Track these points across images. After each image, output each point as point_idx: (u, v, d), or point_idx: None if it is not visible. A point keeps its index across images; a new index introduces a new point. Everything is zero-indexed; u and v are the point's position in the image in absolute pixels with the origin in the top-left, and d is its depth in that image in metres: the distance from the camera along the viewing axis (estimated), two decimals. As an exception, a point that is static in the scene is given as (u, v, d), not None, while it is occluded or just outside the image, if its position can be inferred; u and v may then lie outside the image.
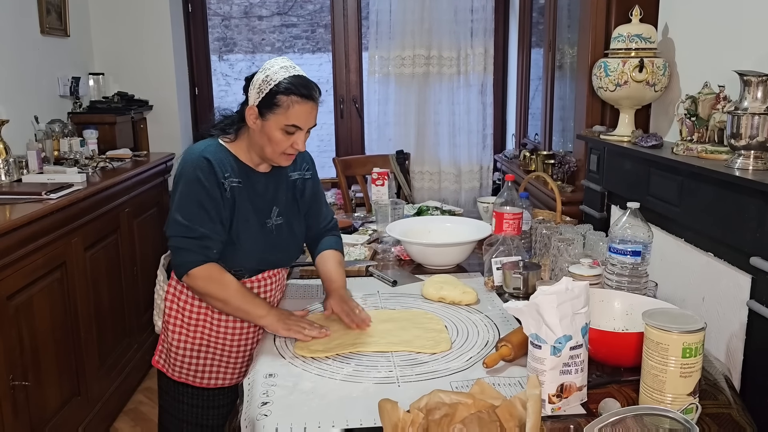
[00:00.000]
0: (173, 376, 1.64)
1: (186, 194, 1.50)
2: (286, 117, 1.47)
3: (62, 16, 3.33)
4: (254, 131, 1.52)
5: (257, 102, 1.48)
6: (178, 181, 1.53)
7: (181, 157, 1.57)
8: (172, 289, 1.63)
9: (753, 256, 1.41)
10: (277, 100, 1.46)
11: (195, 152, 1.53)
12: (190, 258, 1.49)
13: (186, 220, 1.49)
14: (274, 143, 1.50)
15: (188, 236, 1.49)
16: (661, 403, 1.10)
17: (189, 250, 1.49)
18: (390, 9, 3.96)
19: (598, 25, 2.41)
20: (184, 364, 1.63)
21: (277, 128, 1.48)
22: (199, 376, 1.63)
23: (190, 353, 1.62)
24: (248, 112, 1.50)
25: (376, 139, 4.13)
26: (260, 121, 1.49)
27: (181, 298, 1.62)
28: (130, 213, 2.92)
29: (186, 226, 1.49)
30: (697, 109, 1.80)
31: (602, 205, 2.30)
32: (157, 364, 1.69)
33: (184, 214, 1.49)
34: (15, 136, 2.72)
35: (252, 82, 1.50)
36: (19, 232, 1.99)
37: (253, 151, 1.57)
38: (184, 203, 1.50)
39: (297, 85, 1.47)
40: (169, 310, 1.63)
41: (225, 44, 5.27)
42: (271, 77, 1.47)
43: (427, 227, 2.15)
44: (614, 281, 1.54)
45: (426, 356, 1.39)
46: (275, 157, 1.53)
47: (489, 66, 4.06)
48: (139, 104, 3.67)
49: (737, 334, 1.50)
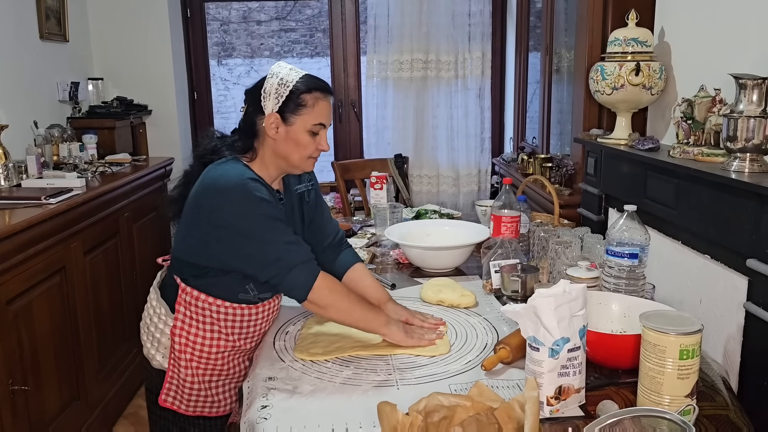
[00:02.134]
0: (187, 411, 1.55)
1: (260, 215, 1.37)
2: (312, 116, 1.42)
3: (61, 22, 3.34)
4: (276, 141, 1.43)
5: (278, 107, 1.41)
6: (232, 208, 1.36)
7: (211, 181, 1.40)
8: (179, 323, 1.50)
9: (749, 258, 1.42)
10: (301, 99, 1.41)
11: (234, 176, 1.39)
12: (305, 274, 1.38)
13: (286, 237, 1.39)
14: (302, 147, 1.43)
15: (289, 254, 1.37)
16: (658, 404, 1.10)
17: (298, 265, 1.38)
18: (388, 13, 3.97)
19: (595, 28, 2.43)
20: (200, 398, 1.54)
21: (304, 130, 1.42)
22: (216, 406, 1.56)
23: (205, 385, 1.53)
24: (268, 121, 1.42)
25: (375, 143, 4.14)
26: (284, 128, 1.42)
27: (191, 331, 1.50)
28: (129, 217, 2.93)
29: (290, 242, 1.39)
30: (693, 112, 1.81)
31: (600, 207, 2.30)
32: (165, 403, 1.54)
33: (276, 234, 1.38)
34: (14, 141, 2.73)
35: (264, 90, 1.42)
36: (19, 237, 2.00)
37: (272, 165, 1.48)
38: (265, 225, 1.37)
39: (316, 82, 1.44)
40: (180, 345, 1.50)
41: (224, 49, 5.28)
42: (286, 79, 1.41)
43: (426, 230, 2.16)
44: (612, 284, 1.55)
45: (425, 359, 1.39)
46: (302, 163, 1.46)
47: (487, 70, 4.07)
48: (138, 109, 3.68)
49: (734, 336, 1.50)
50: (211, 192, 1.40)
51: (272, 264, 1.38)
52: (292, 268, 1.38)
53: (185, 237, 1.47)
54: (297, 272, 1.38)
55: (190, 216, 1.45)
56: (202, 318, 1.50)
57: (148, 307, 1.59)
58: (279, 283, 1.40)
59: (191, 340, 1.50)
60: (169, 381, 1.53)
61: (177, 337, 1.50)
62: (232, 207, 1.37)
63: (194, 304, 1.49)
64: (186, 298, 1.50)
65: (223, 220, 1.38)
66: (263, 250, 1.38)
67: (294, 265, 1.38)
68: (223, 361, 1.53)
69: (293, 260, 1.38)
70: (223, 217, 1.38)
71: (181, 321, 1.50)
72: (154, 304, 1.56)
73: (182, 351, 1.50)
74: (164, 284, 1.58)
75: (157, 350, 1.54)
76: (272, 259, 1.38)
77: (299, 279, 1.39)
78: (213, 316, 1.50)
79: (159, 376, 1.55)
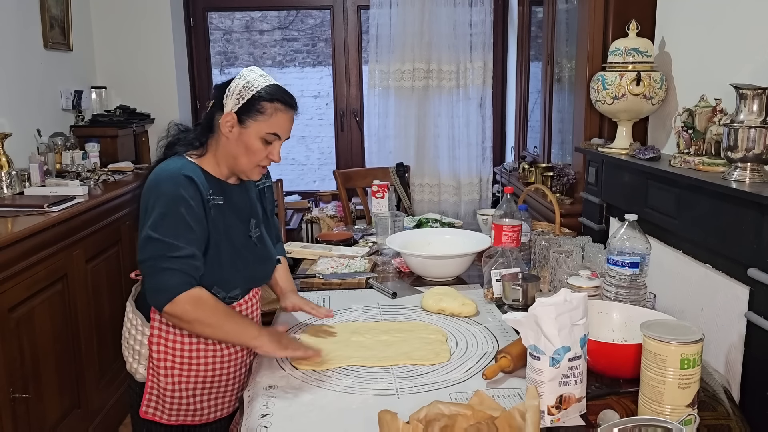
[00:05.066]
0: (169, 421, 1.52)
1: (168, 213, 1.36)
2: (268, 124, 1.43)
3: (65, 31, 3.36)
4: (228, 141, 1.44)
5: (237, 108, 1.42)
6: (154, 202, 1.38)
7: (151, 177, 1.44)
8: (156, 330, 1.46)
9: (750, 267, 1.42)
10: (260, 106, 1.42)
11: (171, 171, 1.41)
12: (175, 280, 1.34)
13: (169, 238, 1.35)
14: (251, 153, 1.44)
15: (173, 255, 1.34)
16: (659, 414, 1.10)
17: (174, 270, 1.34)
18: (390, 23, 3.99)
19: (596, 39, 2.44)
20: (182, 406, 1.51)
21: (257, 136, 1.43)
22: (198, 414, 1.53)
23: (186, 393, 1.49)
24: (224, 118, 1.42)
25: (376, 152, 4.15)
26: (238, 129, 1.43)
27: (169, 338, 1.47)
28: (131, 225, 2.93)
29: (169, 244, 1.35)
30: (694, 122, 1.81)
31: (601, 217, 2.31)
32: (146, 415, 1.51)
33: (164, 232, 1.35)
34: (18, 149, 2.74)
35: (229, 89, 1.43)
36: (21, 245, 2.01)
37: (222, 163, 1.49)
38: (165, 222, 1.36)
39: (281, 93, 1.45)
40: (158, 354, 1.47)
41: (226, 58, 5.31)
42: (252, 84, 1.43)
43: (427, 239, 2.16)
44: (613, 293, 1.55)
45: (425, 368, 1.39)
46: (249, 170, 1.47)
47: (488, 79, 4.09)
48: (140, 117, 3.70)
49: (736, 346, 1.50)
50: (149, 189, 1.42)
51: (149, 260, 1.36)
52: (163, 272, 1.34)
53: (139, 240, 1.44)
54: (166, 277, 1.35)
55: (140, 216, 1.45)
56: None
57: (126, 321, 1.56)
58: (145, 280, 1.39)
59: (170, 347, 1.47)
60: (149, 392, 1.49)
61: (155, 346, 1.47)
62: (156, 202, 1.38)
63: None
64: None
65: (146, 215, 1.39)
66: (147, 241, 1.37)
67: (165, 269, 1.34)
68: (205, 367, 1.49)
69: (168, 264, 1.34)
70: (148, 212, 1.39)
71: (158, 329, 1.47)
72: (130, 317, 1.54)
73: (161, 360, 1.47)
74: (140, 295, 1.55)
75: (139, 363, 1.52)
76: (150, 256, 1.36)
77: (164, 285, 1.35)
78: None
79: (142, 389, 1.52)
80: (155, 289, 1.36)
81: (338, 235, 2.56)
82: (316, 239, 2.65)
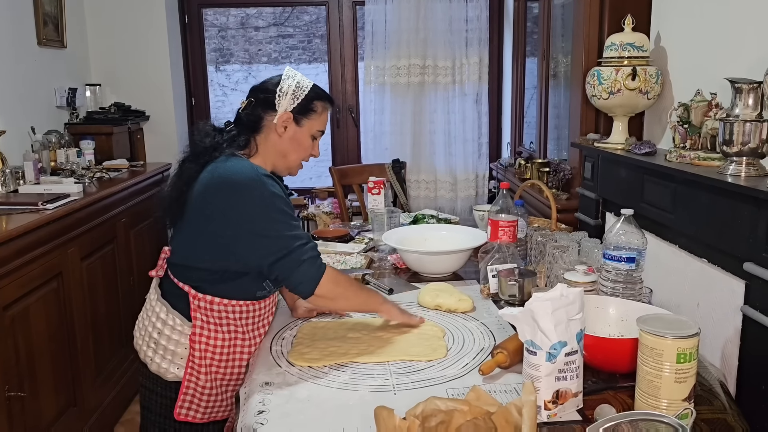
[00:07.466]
0: (203, 420, 1.52)
1: (273, 211, 1.39)
2: (319, 122, 1.53)
3: (59, 28, 3.34)
4: (281, 139, 1.50)
5: (292, 107, 1.49)
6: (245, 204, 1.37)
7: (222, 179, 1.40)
8: (198, 329, 1.47)
9: (746, 261, 1.42)
10: (314, 105, 1.51)
11: (247, 171, 1.40)
12: (314, 267, 1.41)
13: (287, 231, 1.39)
14: (301, 149, 1.53)
15: (300, 246, 1.39)
16: (656, 408, 1.10)
17: (309, 259, 1.40)
18: (385, 19, 3.98)
19: (591, 34, 2.44)
20: (217, 402, 1.53)
21: (309, 134, 1.53)
22: (224, 409, 1.55)
23: (225, 389, 1.52)
24: (281, 118, 1.48)
25: (373, 149, 4.15)
26: (293, 127, 1.50)
27: (210, 335, 1.48)
28: (126, 223, 2.92)
29: (291, 237, 1.39)
30: (689, 117, 1.81)
31: (597, 212, 2.31)
32: (180, 416, 1.50)
33: (281, 228, 1.39)
34: (12, 147, 2.73)
35: (281, 90, 1.48)
36: (16, 243, 2.00)
37: (269, 161, 1.52)
38: (276, 219, 1.39)
39: (324, 92, 1.55)
40: (200, 352, 1.47)
41: (222, 55, 5.29)
42: (302, 84, 1.51)
43: (423, 235, 2.16)
44: (609, 288, 1.55)
45: (422, 364, 1.39)
46: (296, 166, 1.56)
47: (484, 75, 4.08)
48: (135, 115, 3.68)
49: (732, 340, 1.50)
50: (225, 190, 1.39)
51: (283, 258, 1.38)
52: (301, 264, 1.39)
53: (195, 241, 1.45)
54: (306, 267, 1.40)
55: (197, 218, 1.44)
56: (219, 321, 1.48)
57: (155, 321, 1.51)
58: (287, 277, 1.41)
59: (211, 344, 1.48)
60: (185, 392, 1.49)
61: (197, 344, 1.47)
62: (248, 204, 1.38)
63: (209, 308, 1.47)
64: (200, 304, 1.47)
65: (240, 218, 1.38)
66: (276, 245, 1.39)
67: (303, 260, 1.40)
68: (240, 362, 1.52)
69: (302, 256, 1.40)
70: (240, 215, 1.38)
71: (200, 327, 1.47)
72: (162, 317, 1.50)
73: (202, 357, 1.48)
74: (169, 294, 1.52)
75: (172, 362, 1.50)
76: (283, 254, 1.38)
77: (308, 274, 1.41)
78: (230, 317, 1.49)
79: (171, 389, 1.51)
80: (300, 282, 1.41)
81: (334, 231, 2.56)
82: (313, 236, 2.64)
